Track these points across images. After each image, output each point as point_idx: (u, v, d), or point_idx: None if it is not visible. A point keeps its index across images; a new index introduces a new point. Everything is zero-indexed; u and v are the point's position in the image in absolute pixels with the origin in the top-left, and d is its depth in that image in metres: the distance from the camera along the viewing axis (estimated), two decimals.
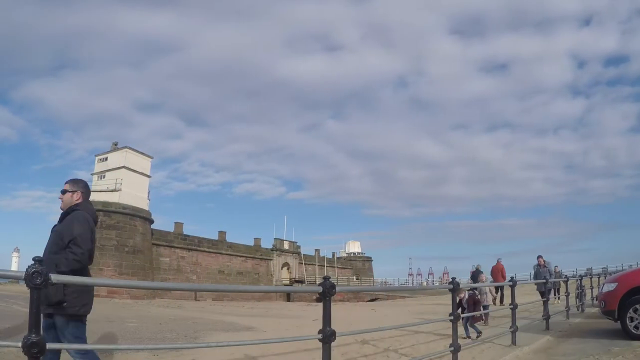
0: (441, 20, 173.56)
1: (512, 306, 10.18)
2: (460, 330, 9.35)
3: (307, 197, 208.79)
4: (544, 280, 15.57)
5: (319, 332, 5.12)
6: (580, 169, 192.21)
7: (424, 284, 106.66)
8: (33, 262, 3.42)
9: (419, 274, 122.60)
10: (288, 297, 61.44)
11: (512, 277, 11.33)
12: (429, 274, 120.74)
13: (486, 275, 21.47)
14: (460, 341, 7.77)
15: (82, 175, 55.55)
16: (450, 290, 7.64)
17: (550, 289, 21.04)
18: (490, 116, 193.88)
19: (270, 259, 70.81)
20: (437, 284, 79.93)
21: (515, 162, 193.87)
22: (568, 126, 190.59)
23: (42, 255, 4.62)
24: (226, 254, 63.50)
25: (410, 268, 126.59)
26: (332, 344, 5.14)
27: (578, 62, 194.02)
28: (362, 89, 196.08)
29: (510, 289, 10.91)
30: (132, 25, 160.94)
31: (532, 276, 23.46)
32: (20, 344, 3.37)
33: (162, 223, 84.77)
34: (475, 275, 19.40)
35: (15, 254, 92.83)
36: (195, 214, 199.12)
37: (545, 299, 13.35)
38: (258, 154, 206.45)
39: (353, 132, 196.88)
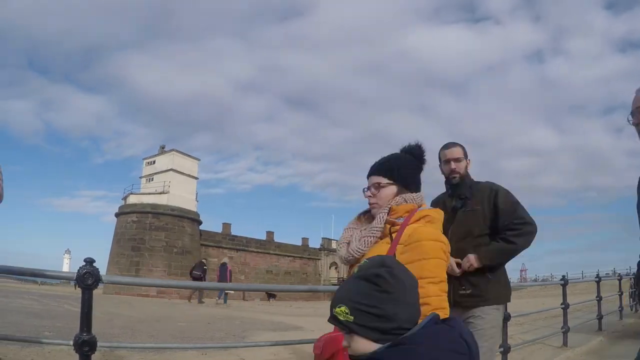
0: None
1: (563, 306, 9.95)
2: None
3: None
4: None
5: None
6: None
7: None
8: (84, 263, 3.49)
9: None
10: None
11: (563, 276, 11.02)
12: None
13: None
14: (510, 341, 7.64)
15: (132, 177, 56.73)
16: None
17: None
18: (609, 97, 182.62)
19: (318, 259, 70.84)
20: None
21: (623, 147, 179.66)
22: None
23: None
24: (274, 254, 63.87)
25: None
26: None
27: None
28: (496, 66, 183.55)
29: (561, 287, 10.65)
30: None
31: None
32: (71, 342, 3.45)
33: (212, 224, 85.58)
34: None
35: (66, 255, 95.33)
36: (256, 211, 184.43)
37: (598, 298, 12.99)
38: (355, 140, 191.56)
39: (469, 115, 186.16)
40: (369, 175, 2.86)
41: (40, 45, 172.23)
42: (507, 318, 7.32)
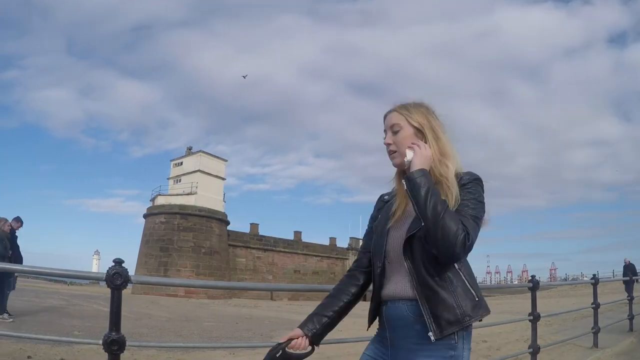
0: None
1: (593, 305, 9.76)
2: None
3: None
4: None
5: None
6: None
7: (502, 282, 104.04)
8: (113, 263, 3.52)
9: (497, 272, 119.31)
10: (364, 296, 61.10)
11: (594, 275, 10.82)
12: (508, 272, 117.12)
13: None
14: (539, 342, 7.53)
15: (161, 178, 56.74)
16: (529, 288, 7.40)
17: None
18: None
19: (346, 258, 70.65)
20: (516, 283, 78.00)
21: None
22: None
23: None
24: (302, 254, 64.06)
25: (488, 266, 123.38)
26: None
27: None
28: (577, 49, 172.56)
29: (592, 286, 10.45)
30: None
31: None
32: (100, 341, 3.47)
33: (241, 225, 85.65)
34: None
35: (95, 256, 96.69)
36: (286, 211, 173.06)
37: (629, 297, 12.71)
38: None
39: (541, 101, 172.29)
40: None
41: (80, 26, 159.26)
42: (536, 318, 7.23)
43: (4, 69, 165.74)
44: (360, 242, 2.96)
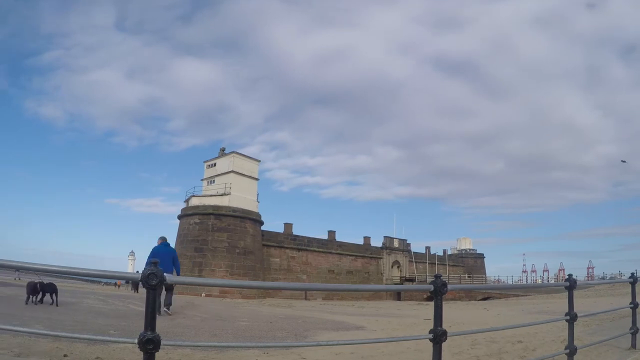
0: None
1: (632, 305, 9.52)
2: None
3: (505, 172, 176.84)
4: None
5: (430, 331, 5.00)
6: None
7: (539, 281, 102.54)
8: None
9: (533, 271, 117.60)
10: (398, 296, 61.04)
11: (632, 273, 10.57)
12: (544, 270, 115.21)
13: None
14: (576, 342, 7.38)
15: (194, 179, 57.18)
16: (566, 288, 7.24)
17: None
18: None
19: (380, 258, 70.77)
20: (553, 282, 76.84)
21: None
22: None
23: None
24: (336, 253, 64.22)
25: (524, 265, 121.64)
26: (443, 344, 5.02)
27: None
28: None
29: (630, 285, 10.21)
30: None
31: None
32: (136, 340, 3.51)
33: (274, 225, 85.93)
34: None
35: (130, 257, 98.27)
36: (321, 210, 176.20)
37: None
38: (507, 122, 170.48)
39: (631, 82, 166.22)
40: None
41: None
42: (573, 318, 7.08)
43: (44, 49, 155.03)
44: (395, 242, 2.92)
